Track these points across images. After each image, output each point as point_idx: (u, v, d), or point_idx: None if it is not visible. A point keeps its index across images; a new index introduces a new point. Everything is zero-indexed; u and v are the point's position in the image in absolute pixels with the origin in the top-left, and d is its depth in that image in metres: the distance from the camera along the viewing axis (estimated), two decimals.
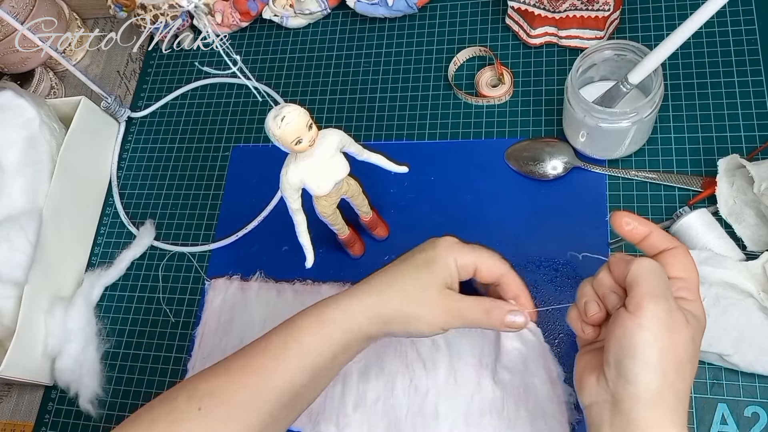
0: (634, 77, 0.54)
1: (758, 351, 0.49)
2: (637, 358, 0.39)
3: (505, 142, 0.65)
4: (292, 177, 0.50)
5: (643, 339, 0.39)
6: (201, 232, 0.70)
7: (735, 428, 0.50)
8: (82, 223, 0.72)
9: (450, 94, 0.69)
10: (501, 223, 0.61)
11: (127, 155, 0.77)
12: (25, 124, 0.67)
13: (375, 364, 0.58)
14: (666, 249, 0.43)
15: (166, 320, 0.66)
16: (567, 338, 0.56)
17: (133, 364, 0.65)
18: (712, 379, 0.52)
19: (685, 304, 0.41)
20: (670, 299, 0.40)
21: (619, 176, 0.60)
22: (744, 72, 0.61)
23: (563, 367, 0.54)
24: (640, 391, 0.39)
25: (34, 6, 0.77)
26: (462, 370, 0.55)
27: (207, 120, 0.76)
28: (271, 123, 0.46)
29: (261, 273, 0.65)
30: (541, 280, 0.58)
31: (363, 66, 0.73)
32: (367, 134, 0.69)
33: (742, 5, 0.64)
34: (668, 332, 0.39)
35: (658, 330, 0.39)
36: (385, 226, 0.64)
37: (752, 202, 0.55)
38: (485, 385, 0.54)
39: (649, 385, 0.39)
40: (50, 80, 0.82)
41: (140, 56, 0.83)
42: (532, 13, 0.65)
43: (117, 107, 0.76)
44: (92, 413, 0.63)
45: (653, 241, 0.43)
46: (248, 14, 0.76)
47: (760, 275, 0.51)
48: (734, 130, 0.60)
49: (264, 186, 0.69)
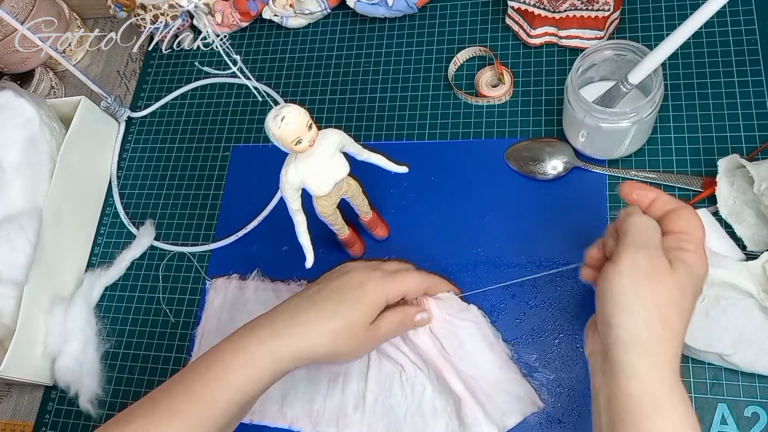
0: (634, 77, 0.54)
1: (758, 351, 0.49)
2: (617, 304, 0.40)
3: (505, 142, 0.65)
4: (292, 177, 0.50)
5: (621, 284, 0.41)
6: (201, 232, 0.70)
7: (735, 428, 0.50)
8: (82, 223, 0.72)
9: (450, 94, 0.69)
10: (501, 223, 0.61)
11: (127, 155, 0.77)
12: (25, 124, 0.67)
13: (374, 365, 0.58)
14: (672, 209, 0.44)
15: (166, 320, 0.66)
16: (567, 338, 0.56)
17: (133, 364, 0.65)
18: (712, 379, 0.52)
19: (683, 255, 0.42)
20: (653, 249, 0.41)
21: (619, 176, 0.60)
22: (744, 72, 0.61)
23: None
24: (621, 334, 0.40)
25: (34, 6, 0.77)
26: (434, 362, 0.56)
27: (207, 120, 0.76)
28: (271, 123, 0.46)
29: (258, 271, 0.65)
30: (541, 280, 0.58)
31: (363, 66, 0.73)
32: (367, 134, 0.69)
33: (742, 5, 0.64)
34: (647, 278, 0.40)
35: (635, 276, 0.40)
36: (385, 226, 0.64)
37: (752, 202, 0.55)
38: (450, 372, 0.55)
39: (630, 329, 0.40)
40: (50, 80, 0.82)
41: (140, 56, 0.83)
42: (532, 13, 0.65)
43: (117, 107, 0.76)
44: (92, 413, 0.63)
45: (660, 204, 0.45)
46: (248, 14, 0.76)
47: (760, 275, 0.51)
48: (734, 130, 0.60)
49: (264, 186, 0.69)
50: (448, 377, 0.54)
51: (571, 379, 0.54)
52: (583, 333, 0.47)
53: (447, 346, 0.56)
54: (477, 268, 0.60)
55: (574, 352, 0.55)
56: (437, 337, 0.56)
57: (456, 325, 0.56)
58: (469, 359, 0.55)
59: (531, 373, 0.55)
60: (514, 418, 0.53)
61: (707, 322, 0.50)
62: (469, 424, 0.53)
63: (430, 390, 0.56)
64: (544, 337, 0.56)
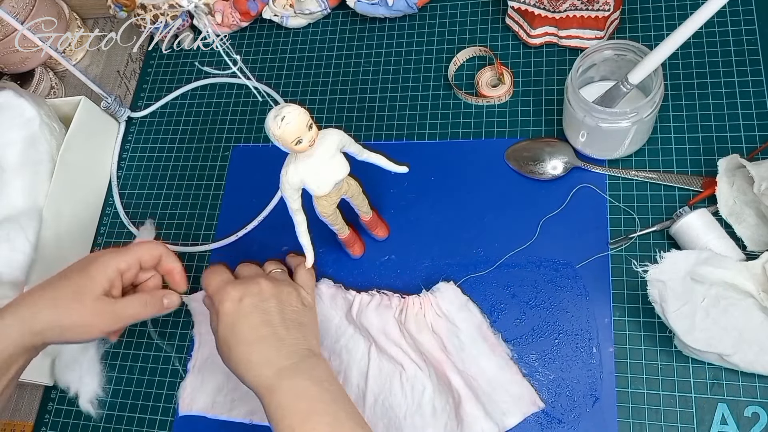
0: (634, 77, 0.54)
1: (758, 351, 0.49)
2: None
3: (505, 142, 0.65)
4: (292, 177, 0.50)
5: None
6: (201, 232, 0.70)
7: (735, 428, 0.50)
8: (82, 223, 0.72)
9: (450, 94, 0.69)
10: (501, 223, 0.61)
11: (127, 155, 0.77)
12: (25, 124, 0.67)
13: (374, 364, 0.58)
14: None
15: (166, 320, 0.66)
16: (567, 338, 0.56)
17: (133, 364, 0.65)
18: (712, 379, 0.52)
19: None
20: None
21: (619, 176, 0.60)
22: (744, 72, 0.61)
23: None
24: None
25: (34, 6, 0.77)
26: (436, 361, 0.56)
27: (207, 120, 0.76)
28: (271, 123, 0.46)
29: None
30: (541, 280, 0.58)
31: (363, 66, 0.73)
32: (367, 134, 0.69)
33: (742, 5, 0.64)
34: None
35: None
36: (385, 226, 0.64)
37: (752, 202, 0.55)
38: (451, 370, 0.55)
39: None
40: (50, 80, 0.82)
41: (140, 56, 0.83)
42: (532, 13, 0.65)
43: (117, 107, 0.76)
44: (92, 413, 0.63)
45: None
46: (248, 14, 0.76)
47: (760, 275, 0.51)
48: (734, 130, 0.60)
49: (264, 186, 0.69)
50: (449, 375, 0.54)
51: (571, 379, 0.54)
52: (583, 333, 0.47)
53: (448, 346, 0.56)
54: (477, 268, 0.60)
55: (574, 352, 0.55)
56: (439, 336, 0.56)
57: (457, 326, 0.56)
58: (470, 359, 0.55)
59: (531, 373, 0.55)
60: (514, 418, 0.53)
61: (707, 322, 0.50)
62: (469, 423, 0.53)
63: (430, 390, 0.56)
64: (544, 337, 0.56)
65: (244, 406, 0.60)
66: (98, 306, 0.51)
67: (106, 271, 0.52)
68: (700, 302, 0.50)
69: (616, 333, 0.55)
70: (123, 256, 0.54)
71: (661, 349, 0.54)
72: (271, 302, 0.52)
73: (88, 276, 0.52)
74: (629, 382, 0.54)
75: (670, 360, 0.54)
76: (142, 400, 0.63)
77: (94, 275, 0.52)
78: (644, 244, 0.57)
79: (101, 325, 0.52)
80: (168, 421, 0.62)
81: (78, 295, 0.51)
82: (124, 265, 0.54)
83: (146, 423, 0.62)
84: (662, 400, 0.53)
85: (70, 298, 0.50)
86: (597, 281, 0.57)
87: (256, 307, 0.52)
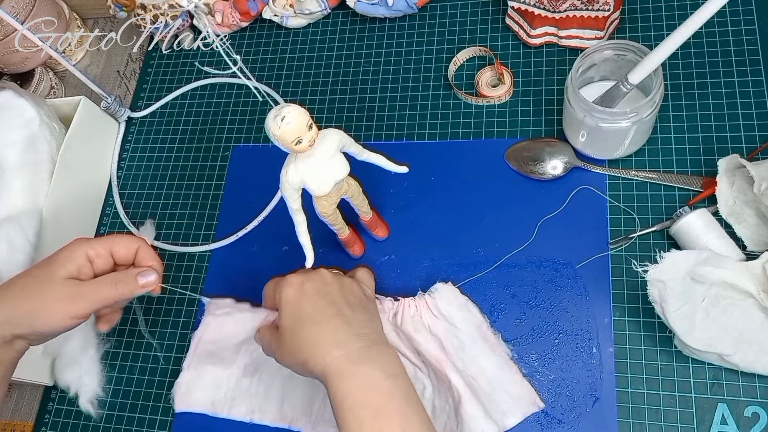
0: (634, 77, 0.54)
1: (758, 351, 0.49)
2: None
3: (505, 142, 0.65)
4: (292, 177, 0.50)
5: None
6: (201, 232, 0.70)
7: (735, 428, 0.50)
8: (82, 223, 0.72)
9: (450, 94, 0.69)
10: (501, 223, 0.61)
11: (127, 155, 0.77)
12: (25, 124, 0.67)
13: None
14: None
15: (166, 320, 0.66)
16: (567, 338, 0.56)
17: (133, 364, 0.65)
18: (712, 379, 0.52)
19: None
20: None
21: (619, 176, 0.60)
22: (744, 72, 0.61)
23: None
24: None
25: (34, 6, 0.77)
26: (435, 361, 0.56)
27: (207, 120, 0.76)
28: (271, 123, 0.46)
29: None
30: (541, 280, 0.58)
31: (363, 66, 0.73)
32: (367, 134, 0.69)
33: (742, 5, 0.64)
34: None
35: None
36: (385, 226, 0.64)
37: (752, 202, 0.55)
38: (451, 370, 0.55)
39: None
40: (50, 80, 0.82)
41: (140, 56, 0.83)
42: (532, 13, 0.65)
43: (117, 107, 0.76)
44: (92, 413, 0.63)
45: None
46: (248, 14, 0.76)
47: (760, 275, 0.51)
48: (734, 130, 0.60)
49: (264, 186, 0.69)
50: (449, 375, 0.54)
51: (571, 379, 0.54)
52: (583, 333, 0.47)
53: (447, 347, 0.56)
54: (477, 268, 0.60)
55: (574, 352, 0.55)
56: (438, 337, 0.56)
57: (457, 326, 0.56)
58: (470, 359, 0.55)
59: (531, 373, 0.55)
60: (514, 418, 0.53)
61: (707, 322, 0.50)
62: (469, 423, 0.53)
63: (429, 390, 0.56)
64: (544, 337, 0.56)
65: (244, 404, 0.59)
66: (64, 288, 0.49)
67: (72, 255, 0.50)
68: (700, 302, 0.50)
69: (616, 333, 0.55)
70: (93, 243, 0.52)
71: (661, 349, 0.54)
72: (334, 286, 0.52)
73: (55, 261, 0.50)
74: (629, 382, 0.54)
75: (670, 360, 0.54)
76: (142, 400, 0.63)
77: (60, 260, 0.50)
78: (644, 244, 0.57)
79: (69, 308, 0.49)
80: (168, 421, 0.62)
81: (43, 280, 0.49)
82: (93, 252, 0.51)
83: (146, 423, 0.62)
84: (662, 400, 0.53)
85: (36, 284, 0.49)
86: (597, 281, 0.57)
87: (318, 290, 0.51)
